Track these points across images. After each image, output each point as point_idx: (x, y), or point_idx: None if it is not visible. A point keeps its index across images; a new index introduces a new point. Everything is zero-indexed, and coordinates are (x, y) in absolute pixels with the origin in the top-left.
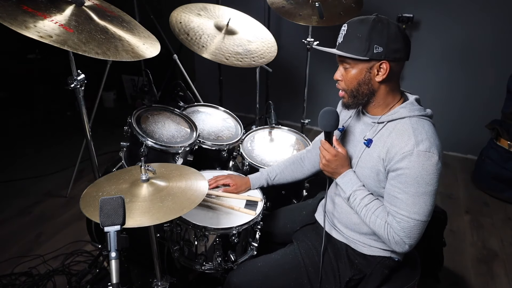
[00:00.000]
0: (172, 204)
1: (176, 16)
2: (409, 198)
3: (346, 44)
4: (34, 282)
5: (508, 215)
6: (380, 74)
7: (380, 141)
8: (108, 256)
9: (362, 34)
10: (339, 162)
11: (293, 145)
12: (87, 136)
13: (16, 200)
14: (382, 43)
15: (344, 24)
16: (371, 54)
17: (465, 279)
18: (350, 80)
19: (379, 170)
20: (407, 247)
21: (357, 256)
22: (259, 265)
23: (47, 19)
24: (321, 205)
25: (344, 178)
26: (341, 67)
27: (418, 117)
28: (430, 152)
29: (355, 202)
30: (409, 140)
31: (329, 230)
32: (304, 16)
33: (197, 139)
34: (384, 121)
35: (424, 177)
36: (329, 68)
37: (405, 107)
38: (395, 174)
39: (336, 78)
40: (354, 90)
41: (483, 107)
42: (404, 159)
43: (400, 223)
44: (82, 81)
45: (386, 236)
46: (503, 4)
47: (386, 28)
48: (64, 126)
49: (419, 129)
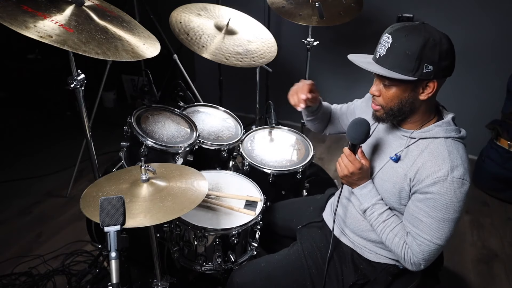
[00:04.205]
0: (172, 204)
1: (176, 16)
2: (434, 223)
3: (389, 60)
4: (34, 282)
5: (508, 215)
6: (426, 92)
7: (408, 159)
8: (108, 256)
9: (412, 51)
10: (362, 175)
11: (293, 145)
12: (87, 136)
13: (16, 200)
14: (434, 62)
15: (386, 33)
16: (420, 73)
17: (465, 279)
18: (391, 98)
19: (402, 188)
20: (422, 267)
21: (363, 262)
22: (262, 266)
23: (47, 19)
24: (330, 205)
25: (364, 189)
26: (379, 82)
27: (453, 139)
28: (463, 179)
29: (372, 216)
30: (443, 164)
31: (338, 235)
32: (304, 16)
33: (197, 139)
34: (416, 137)
35: (454, 204)
36: (329, 68)
37: (441, 126)
38: (423, 197)
39: (372, 93)
40: (395, 108)
41: (483, 107)
42: (436, 184)
43: (420, 246)
44: (82, 81)
45: (403, 256)
46: (503, 4)
47: (439, 45)
48: (64, 126)
49: (454, 153)
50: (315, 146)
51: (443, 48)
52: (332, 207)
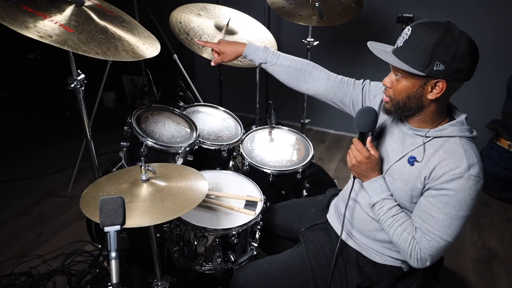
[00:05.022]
0: (172, 204)
1: (176, 16)
2: (447, 219)
3: (404, 51)
4: (34, 282)
5: (508, 215)
6: (434, 92)
7: (422, 157)
8: (108, 256)
9: (426, 46)
10: (370, 165)
11: (293, 145)
12: (87, 136)
13: (16, 200)
14: (446, 61)
15: (409, 26)
16: (430, 70)
17: (465, 279)
18: (399, 91)
19: (415, 186)
20: (427, 264)
21: (368, 264)
22: (265, 266)
23: (47, 19)
24: (333, 206)
25: (374, 183)
26: (392, 74)
27: (467, 139)
28: (479, 177)
29: (381, 210)
30: (461, 162)
31: (345, 239)
32: (304, 16)
33: (197, 139)
34: (431, 136)
35: (468, 202)
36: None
37: (455, 126)
38: (437, 193)
39: (384, 84)
40: (401, 102)
41: (483, 107)
42: (453, 181)
43: (430, 241)
44: (82, 81)
45: (409, 251)
46: (503, 4)
47: (455, 45)
48: (64, 126)
49: (470, 152)
50: (315, 146)
51: (459, 50)
52: (336, 208)
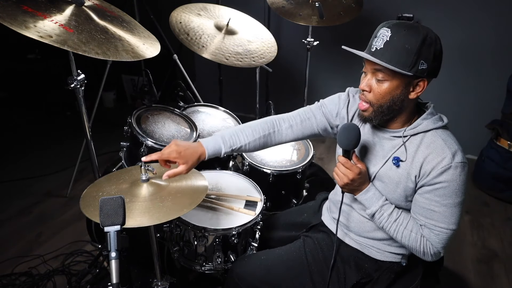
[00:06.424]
0: (172, 204)
1: (176, 16)
2: (447, 210)
3: (388, 53)
4: (34, 282)
5: (508, 215)
6: (415, 91)
7: (406, 157)
8: (108, 256)
9: (411, 46)
10: (363, 180)
11: (293, 145)
12: (87, 136)
13: (16, 200)
14: (428, 59)
15: (384, 27)
16: (416, 70)
17: (465, 279)
18: (383, 95)
19: (407, 186)
20: (441, 255)
21: (368, 261)
22: (262, 258)
23: (47, 19)
24: (326, 209)
25: (368, 193)
26: (371, 76)
27: (442, 129)
28: (464, 162)
29: (382, 218)
30: (444, 153)
31: (342, 237)
32: (304, 16)
33: (197, 139)
34: (408, 135)
35: (461, 188)
36: (329, 68)
37: (427, 119)
38: (431, 188)
39: (362, 88)
40: (385, 105)
41: (483, 107)
42: (444, 173)
43: (438, 235)
44: (82, 81)
45: (422, 250)
46: (503, 4)
47: (434, 44)
48: (64, 126)
49: (449, 141)
50: (315, 146)
51: (437, 48)
52: (329, 211)
